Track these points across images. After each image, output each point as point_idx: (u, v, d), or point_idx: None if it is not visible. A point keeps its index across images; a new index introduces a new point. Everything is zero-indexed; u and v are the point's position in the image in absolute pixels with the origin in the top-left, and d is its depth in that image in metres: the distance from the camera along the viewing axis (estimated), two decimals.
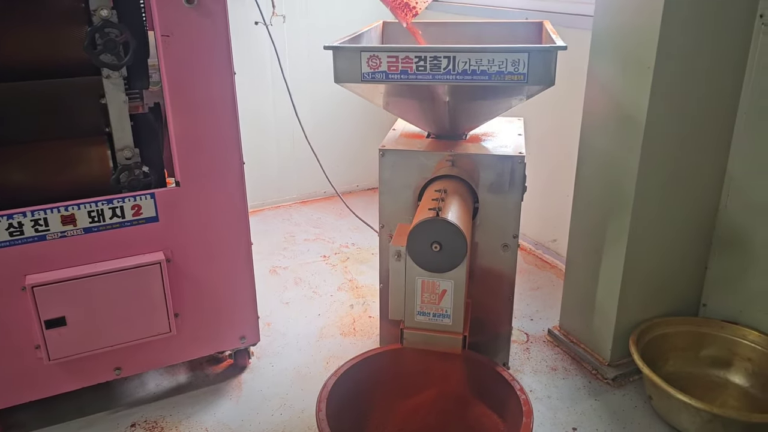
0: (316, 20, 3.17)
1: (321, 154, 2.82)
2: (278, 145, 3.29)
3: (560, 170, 2.54)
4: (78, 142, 1.68)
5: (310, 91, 3.24)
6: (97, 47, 1.55)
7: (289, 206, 3.41)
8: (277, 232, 3.06)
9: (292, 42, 3.13)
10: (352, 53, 1.36)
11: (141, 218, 1.66)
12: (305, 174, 3.35)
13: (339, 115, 3.41)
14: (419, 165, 1.63)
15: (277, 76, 2.75)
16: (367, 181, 3.66)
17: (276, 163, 3.32)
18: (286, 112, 2.88)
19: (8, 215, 1.51)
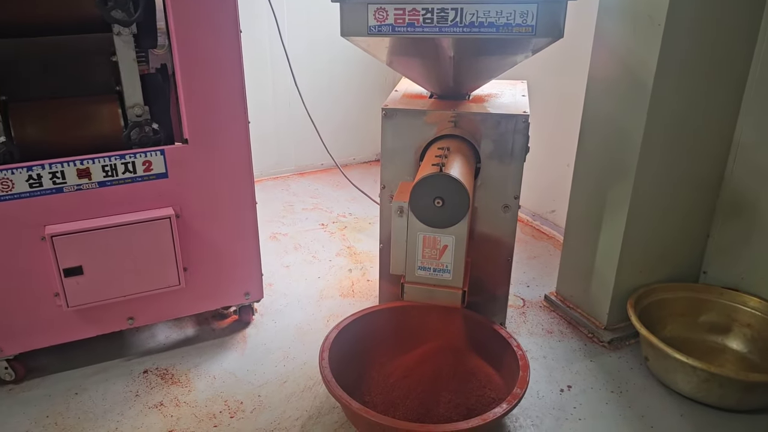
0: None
1: (319, 126, 2.92)
2: (277, 117, 3.38)
3: (560, 140, 2.65)
4: (91, 99, 1.78)
5: (309, 62, 3.32)
6: (108, 3, 1.63)
7: (288, 177, 3.52)
8: (276, 201, 3.17)
9: (291, 11, 3.19)
10: (359, 6, 1.45)
11: (152, 174, 1.76)
12: (303, 146, 3.45)
13: (337, 87, 3.51)
14: (421, 124, 1.73)
15: (276, 47, 2.82)
16: (364, 153, 3.76)
17: (274, 134, 3.41)
18: (284, 83, 2.97)
19: (28, 167, 1.62)
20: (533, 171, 2.47)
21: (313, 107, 2.93)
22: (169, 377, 1.84)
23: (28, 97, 1.72)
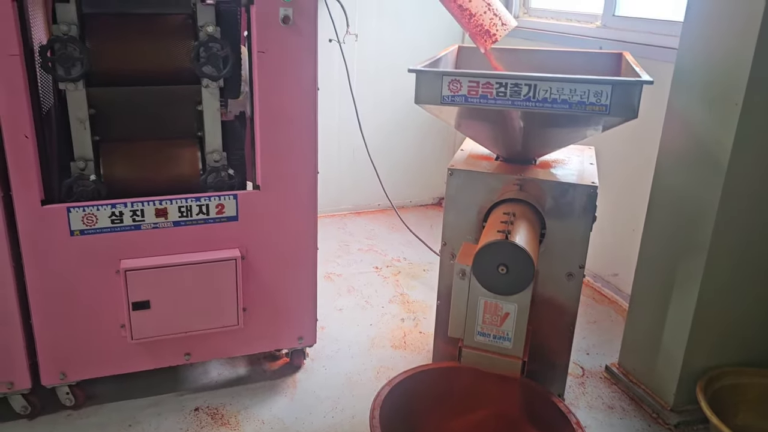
0: (385, 40, 3.43)
1: (378, 166, 3.04)
2: (339, 157, 3.54)
3: (627, 203, 2.66)
4: (174, 143, 1.96)
5: (373, 107, 3.48)
6: (201, 59, 1.81)
7: (344, 216, 3.65)
8: (332, 240, 3.29)
9: (361, 59, 3.38)
10: (434, 76, 1.56)
11: (223, 217, 1.90)
12: (362, 186, 3.58)
13: (399, 132, 3.65)
14: (487, 187, 1.81)
15: (345, 90, 2.99)
16: (421, 196, 3.87)
17: (335, 173, 3.56)
18: (349, 124, 3.13)
19: (112, 204, 1.79)
20: (596, 231, 2.47)
21: (373, 147, 3.07)
22: (219, 417, 1.95)
23: (117, 138, 1.91)
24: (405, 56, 3.48)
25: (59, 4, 1.72)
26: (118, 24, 1.87)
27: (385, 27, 3.42)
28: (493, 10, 1.73)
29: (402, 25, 3.46)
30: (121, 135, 1.92)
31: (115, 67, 1.84)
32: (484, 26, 1.73)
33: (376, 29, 3.39)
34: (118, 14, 1.88)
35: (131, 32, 1.88)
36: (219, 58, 1.82)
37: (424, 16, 3.47)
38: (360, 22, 3.28)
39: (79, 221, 1.78)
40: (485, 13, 1.73)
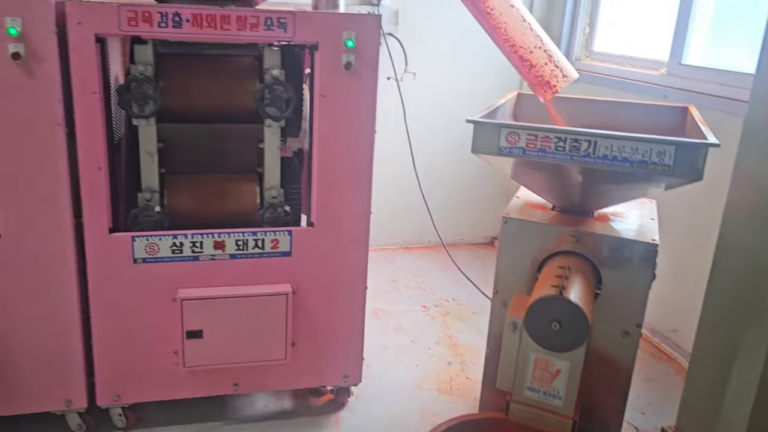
0: (442, 79, 3.49)
1: (430, 203, 3.06)
2: (390, 191, 3.59)
3: (689, 255, 2.57)
4: (234, 178, 2.05)
5: (427, 142, 3.52)
6: (265, 100, 1.90)
7: (393, 251, 3.67)
8: (380, 275, 3.32)
9: (417, 96, 3.44)
10: (492, 128, 1.58)
11: (277, 252, 1.97)
12: (412, 221, 3.61)
13: (452, 168, 3.67)
14: (542, 237, 1.79)
15: (399, 125, 3.05)
16: (472, 234, 3.85)
17: (386, 207, 3.60)
18: (401, 159, 3.17)
19: (174, 235, 1.88)
20: (657, 283, 2.40)
21: (425, 183, 3.10)
22: None
23: (182, 171, 2.02)
24: (461, 94, 3.52)
25: (138, 46, 1.85)
26: (189, 64, 1.99)
27: (443, 66, 3.48)
28: (554, 61, 1.75)
29: (459, 64, 3.50)
30: (186, 168, 2.02)
31: (184, 105, 1.95)
32: (545, 77, 1.74)
33: (434, 68, 3.45)
34: (190, 54, 2.00)
35: (201, 72, 1.99)
36: (282, 100, 1.90)
37: (482, 56, 3.51)
38: (418, 61, 3.35)
39: (143, 250, 1.88)
40: (546, 65, 1.74)
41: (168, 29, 1.75)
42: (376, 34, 1.84)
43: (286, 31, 1.80)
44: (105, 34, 1.75)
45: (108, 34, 1.76)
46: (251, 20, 1.77)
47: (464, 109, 3.50)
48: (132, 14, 1.72)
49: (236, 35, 1.79)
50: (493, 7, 1.73)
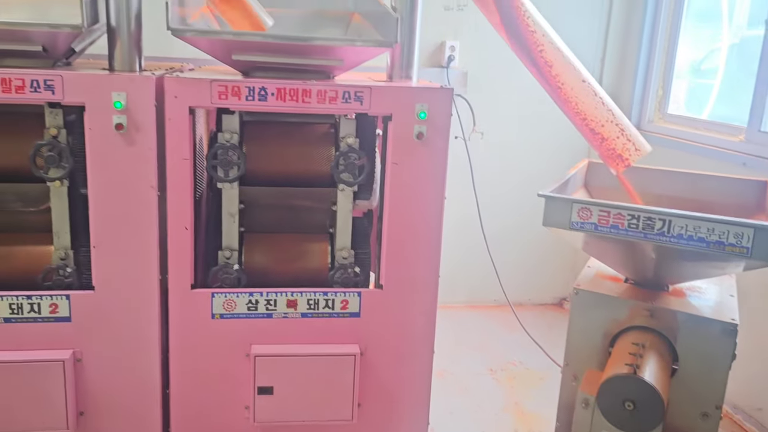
0: (510, 139, 3.55)
1: (496, 262, 3.07)
2: (455, 248, 3.62)
3: None
4: (307, 237, 2.16)
5: (494, 200, 3.55)
6: (340, 167, 2.01)
7: (458, 308, 3.68)
8: (445, 334, 3.28)
9: (485, 155, 3.51)
10: (564, 203, 1.62)
11: (346, 312, 2.04)
12: (478, 279, 3.61)
13: (519, 226, 3.68)
14: (614, 310, 1.79)
15: (466, 182, 3.11)
16: (539, 295, 3.81)
17: (451, 264, 3.63)
18: (468, 216, 3.22)
19: (250, 293, 1.99)
20: (739, 359, 2.31)
21: (492, 241, 3.11)
22: None
23: (259, 230, 2.15)
24: (529, 154, 3.57)
25: (226, 116, 2.01)
26: (270, 131, 2.15)
27: (511, 126, 3.55)
28: (626, 135, 1.77)
29: (527, 124, 3.56)
30: (262, 227, 2.16)
31: (264, 169, 2.10)
32: (617, 150, 1.77)
33: (502, 128, 3.52)
34: (270, 122, 2.16)
35: (281, 138, 2.14)
36: (356, 166, 2.01)
37: (550, 117, 3.55)
38: (486, 121, 3.43)
39: (221, 306, 2.00)
40: (618, 138, 1.77)
41: (254, 102, 1.91)
42: (448, 107, 1.93)
43: (362, 103, 1.93)
44: (198, 107, 1.93)
45: (200, 107, 1.95)
46: (330, 94, 1.92)
47: (532, 168, 3.58)
48: (223, 89, 1.89)
49: (316, 107, 1.93)
50: (564, 82, 1.79)
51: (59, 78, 1.80)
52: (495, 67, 3.39)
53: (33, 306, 1.92)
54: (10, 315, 1.91)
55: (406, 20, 2.04)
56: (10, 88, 1.80)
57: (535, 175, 3.67)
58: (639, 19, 3.32)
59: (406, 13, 2.04)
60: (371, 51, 2.02)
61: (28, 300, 1.91)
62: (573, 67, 1.82)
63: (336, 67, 2.04)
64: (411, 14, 2.04)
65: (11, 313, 1.91)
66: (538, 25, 1.87)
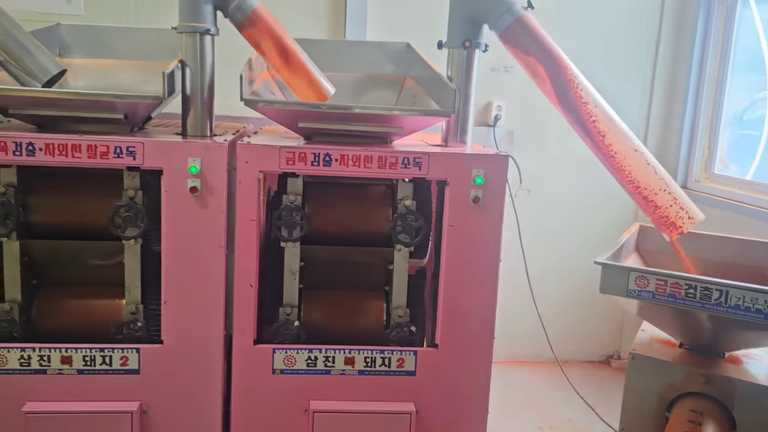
0: (557, 195, 3.64)
1: (543, 317, 3.12)
2: (501, 304, 3.68)
3: None
4: (364, 295, 2.28)
5: (541, 255, 3.62)
6: (397, 228, 2.14)
7: (503, 364, 3.71)
8: (492, 390, 3.34)
9: (531, 211, 3.59)
10: (621, 271, 1.71)
11: (402, 371, 2.13)
12: (523, 335, 3.65)
13: (566, 282, 3.72)
14: (670, 376, 1.84)
15: (513, 237, 3.20)
16: (586, 353, 3.82)
17: (497, 320, 3.69)
18: (514, 271, 3.29)
19: (309, 349, 2.10)
20: None
21: (539, 296, 3.16)
22: None
23: (317, 287, 2.27)
24: (575, 210, 3.65)
25: (290, 179, 2.17)
26: (331, 192, 2.30)
27: (557, 183, 3.64)
28: (679, 203, 1.86)
29: (574, 182, 3.65)
30: (321, 285, 2.28)
31: (324, 228, 2.24)
32: (670, 218, 1.86)
33: (548, 185, 3.62)
34: (331, 183, 2.31)
35: (341, 200, 2.29)
36: (413, 228, 2.14)
37: (597, 175, 3.64)
38: (532, 178, 3.54)
39: (281, 362, 2.11)
40: (671, 206, 1.86)
41: (319, 167, 2.06)
42: (504, 173, 2.06)
43: (420, 169, 2.06)
44: (266, 171, 2.09)
45: (269, 171, 2.10)
46: (391, 160, 2.06)
47: (578, 224, 3.65)
48: (290, 155, 2.05)
49: (376, 172, 2.07)
50: (617, 151, 1.90)
51: (140, 145, 1.98)
52: (541, 126, 3.52)
53: (105, 358, 2.06)
54: (84, 367, 2.05)
55: (462, 89, 2.19)
56: (96, 153, 1.99)
57: (582, 232, 3.76)
58: (683, 78, 3.43)
59: (462, 82, 2.20)
60: (430, 120, 2.18)
61: (100, 352, 2.05)
62: (625, 137, 1.93)
63: (395, 133, 2.19)
64: (467, 84, 2.20)
65: (84, 365, 2.05)
66: (591, 96, 2.00)
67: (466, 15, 2.16)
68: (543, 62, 2.02)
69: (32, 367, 2.02)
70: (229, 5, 2.07)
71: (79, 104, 2.05)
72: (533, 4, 2.09)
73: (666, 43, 3.53)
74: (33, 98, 2.03)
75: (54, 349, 2.03)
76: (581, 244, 3.67)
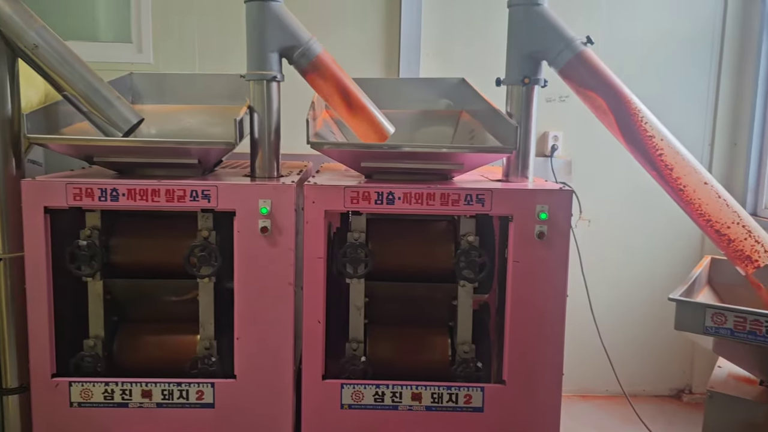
0: (618, 225, 3.59)
1: (609, 350, 3.05)
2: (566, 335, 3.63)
3: None
4: (428, 331, 2.31)
5: (605, 286, 3.56)
6: (461, 264, 2.17)
7: (568, 398, 3.62)
8: (561, 427, 3.28)
9: (593, 242, 3.55)
10: (697, 308, 1.68)
11: (469, 407, 2.14)
12: (589, 368, 3.57)
13: (633, 314, 3.64)
14: (751, 414, 1.78)
15: (575, 271, 3.17)
16: (655, 386, 3.70)
17: None
18: (577, 302, 3.25)
19: (377, 384, 2.14)
20: None
21: (604, 329, 3.09)
22: None
23: (382, 323, 2.32)
24: (638, 240, 3.58)
25: (354, 217, 2.24)
26: (393, 229, 2.35)
27: (618, 213, 3.59)
28: (754, 237, 1.82)
29: (636, 211, 3.59)
30: (385, 320, 2.33)
31: (387, 264, 2.28)
32: (745, 252, 1.82)
33: (609, 215, 3.57)
34: (393, 220, 2.37)
35: (403, 236, 2.34)
36: (477, 264, 2.16)
37: (658, 205, 3.57)
38: (592, 209, 3.50)
39: (349, 397, 2.15)
40: (746, 240, 1.82)
41: (382, 205, 2.12)
42: (568, 207, 2.07)
43: (483, 205, 2.10)
44: (331, 210, 2.16)
45: (334, 210, 2.17)
46: (453, 197, 2.10)
47: (642, 254, 3.58)
48: (354, 194, 2.12)
49: (439, 209, 2.11)
50: (686, 185, 1.88)
51: (215, 188, 2.10)
52: (600, 155, 3.49)
53: (182, 392, 2.16)
54: (162, 400, 2.15)
55: (522, 125, 2.22)
56: (173, 197, 2.11)
57: (646, 263, 3.67)
58: (749, 102, 3.35)
59: (522, 118, 2.23)
60: (491, 157, 2.22)
61: (178, 387, 2.15)
62: (694, 170, 1.91)
63: (456, 170, 2.24)
64: (527, 120, 2.23)
65: (163, 398, 2.15)
66: (656, 129, 2.00)
67: (524, 52, 2.20)
68: (604, 97, 2.03)
69: (115, 400, 2.14)
70: (294, 52, 2.18)
71: (158, 151, 2.20)
72: (592, 39, 2.12)
73: (728, 68, 3.45)
74: (116, 147, 2.18)
75: (135, 383, 2.14)
76: (646, 276, 3.60)
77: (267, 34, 2.16)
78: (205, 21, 3.36)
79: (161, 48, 3.37)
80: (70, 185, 2.07)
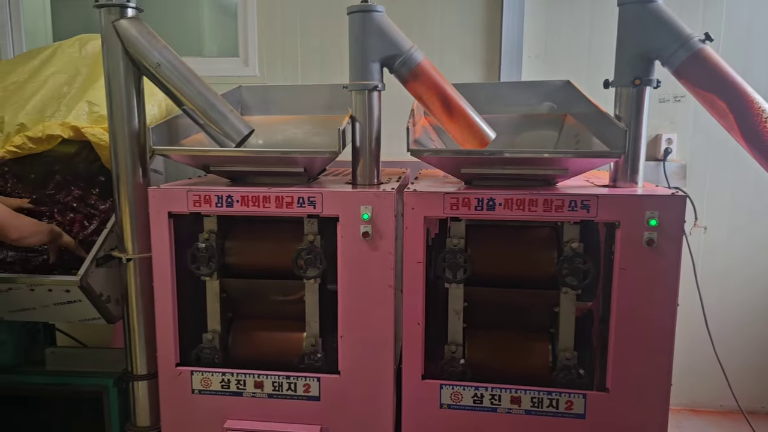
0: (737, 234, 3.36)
1: (725, 364, 2.86)
2: (677, 347, 3.44)
3: None
4: (528, 336, 2.29)
5: (721, 298, 3.35)
6: (564, 271, 2.12)
7: (678, 411, 3.45)
8: None
9: (708, 250, 3.35)
10: None
11: (570, 413, 2.10)
12: (701, 382, 3.38)
13: (751, 327, 3.40)
14: None
15: (689, 281, 3.00)
16: None
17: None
18: (690, 314, 3.08)
19: (476, 387, 2.16)
20: None
21: (719, 341, 2.90)
22: None
23: (480, 327, 2.32)
24: (759, 249, 3.32)
25: (453, 222, 2.25)
26: (493, 234, 2.35)
27: (737, 221, 3.36)
28: None
29: (756, 218, 3.34)
30: (483, 324, 2.33)
31: (487, 270, 2.28)
32: None
33: (727, 222, 3.35)
34: (493, 225, 2.36)
35: (504, 242, 2.33)
36: (581, 271, 2.11)
37: None
38: (708, 215, 3.30)
39: (449, 397, 2.18)
40: None
41: (482, 212, 2.12)
42: (681, 214, 1.96)
43: (588, 211, 2.04)
44: (431, 217, 2.19)
45: (433, 217, 2.20)
46: (557, 203, 2.06)
47: (762, 264, 3.31)
48: (454, 200, 2.13)
49: (542, 215, 2.08)
50: None
51: (320, 195, 2.19)
52: (717, 158, 3.28)
53: (291, 385, 2.28)
54: (273, 391, 2.29)
55: (632, 128, 2.13)
56: (282, 203, 2.23)
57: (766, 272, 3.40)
58: None
59: (632, 121, 2.14)
60: (597, 162, 2.15)
61: (287, 380, 2.28)
62: None
63: (560, 175, 2.19)
64: (637, 123, 2.13)
65: (273, 390, 2.29)
66: None
67: (635, 52, 2.10)
68: (724, 97, 1.91)
69: (231, 389, 2.31)
70: (395, 61, 2.21)
71: (268, 160, 2.33)
72: (711, 36, 1.99)
73: None
74: (231, 157, 2.34)
75: (249, 374, 2.30)
76: (765, 286, 3.33)
77: (369, 44, 2.21)
78: (306, 33, 3.51)
79: (265, 61, 3.56)
80: (191, 192, 2.25)
